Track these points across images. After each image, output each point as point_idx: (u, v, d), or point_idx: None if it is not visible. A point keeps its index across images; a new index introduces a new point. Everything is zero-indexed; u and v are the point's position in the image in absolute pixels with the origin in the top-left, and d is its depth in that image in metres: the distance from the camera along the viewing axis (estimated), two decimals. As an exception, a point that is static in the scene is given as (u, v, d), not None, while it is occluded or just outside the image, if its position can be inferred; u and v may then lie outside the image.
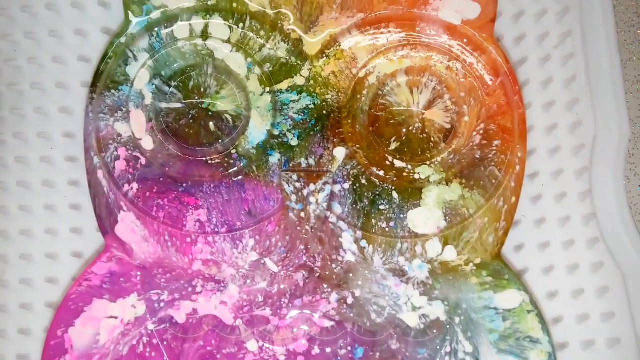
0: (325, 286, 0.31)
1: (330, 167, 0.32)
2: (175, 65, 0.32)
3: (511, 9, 0.34)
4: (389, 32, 0.32)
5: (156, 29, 0.31)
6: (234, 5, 0.31)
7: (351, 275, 0.31)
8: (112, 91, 0.31)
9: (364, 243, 0.31)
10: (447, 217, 0.31)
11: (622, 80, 0.33)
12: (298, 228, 0.31)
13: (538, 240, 0.34)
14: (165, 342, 0.31)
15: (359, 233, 0.31)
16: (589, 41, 0.34)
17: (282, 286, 0.31)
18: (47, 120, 0.33)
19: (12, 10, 0.33)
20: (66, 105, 0.33)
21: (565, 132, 0.34)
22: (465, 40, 0.32)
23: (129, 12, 0.31)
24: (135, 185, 0.31)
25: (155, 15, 0.31)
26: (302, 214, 0.31)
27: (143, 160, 0.31)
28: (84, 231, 0.33)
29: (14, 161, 0.33)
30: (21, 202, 0.33)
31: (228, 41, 0.31)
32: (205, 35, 0.31)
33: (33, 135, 0.33)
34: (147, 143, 0.31)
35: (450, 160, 0.32)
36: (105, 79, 0.31)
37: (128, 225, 0.31)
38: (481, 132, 0.32)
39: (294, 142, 0.32)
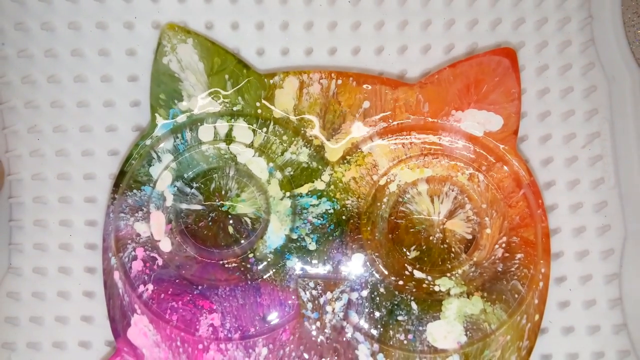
0: (339, 404, 0.30)
1: (347, 273, 0.31)
2: (197, 168, 0.32)
3: (537, 108, 0.34)
4: (411, 141, 0.32)
5: (181, 131, 0.32)
6: (259, 111, 0.32)
7: (367, 393, 0.30)
8: (135, 191, 0.32)
9: (380, 357, 0.30)
10: (468, 332, 0.30)
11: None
12: (313, 338, 0.30)
13: (566, 350, 0.33)
14: None
15: (376, 346, 0.30)
16: (619, 143, 0.34)
17: (294, 402, 0.30)
18: (70, 208, 0.34)
19: (40, 103, 0.34)
20: (91, 195, 0.34)
21: (593, 236, 0.34)
22: (487, 152, 0.32)
23: (156, 114, 0.32)
24: (150, 287, 0.31)
25: (181, 118, 0.32)
26: (318, 323, 0.30)
27: (160, 261, 0.31)
28: (95, 320, 0.33)
29: (31, 247, 0.34)
30: (34, 289, 0.33)
31: (251, 145, 0.32)
32: (229, 138, 0.32)
33: (54, 223, 0.34)
34: (165, 245, 0.31)
35: (471, 274, 0.31)
36: (129, 179, 0.32)
37: (141, 329, 0.30)
38: (503, 245, 0.31)
39: (312, 246, 0.31)
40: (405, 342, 0.30)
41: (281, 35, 0.35)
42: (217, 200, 0.32)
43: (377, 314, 0.31)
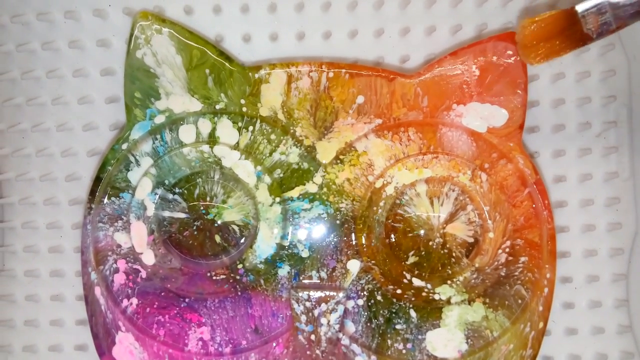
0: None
1: (343, 281, 0.29)
2: (179, 173, 0.29)
3: (551, 95, 0.32)
4: (409, 138, 0.29)
5: (160, 132, 0.29)
6: (244, 109, 0.30)
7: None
8: (113, 198, 0.29)
9: (378, 370, 0.29)
10: (469, 340, 0.29)
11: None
12: (308, 352, 0.29)
13: (568, 351, 0.32)
14: None
15: (373, 357, 0.29)
16: (637, 131, 0.31)
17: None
18: (58, 210, 0.32)
19: (18, 100, 0.32)
20: (76, 196, 0.32)
21: (603, 234, 0.32)
22: (491, 149, 0.29)
23: (131, 115, 0.29)
24: (134, 301, 0.29)
25: (159, 118, 0.29)
26: (313, 337, 0.29)
27: (144, 274, 0.29)
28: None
29: (22, 250, 0.32)
30: (27, 292, 0.32)
31: (236, 147, 0.29)
32: (212, 138, 0.30)
33: (43, 225, 0.32)
34: (148, 258, 0.29)
35: (473, 280, 0.29)
36: (106, 186, 0.29)
37: (126, 347, 0.29)
38: (507, 249, 0.29)
39: (305, 253, 0.30)
40: (404, 351, 0.29)
41: (269, 18, 0.32)
42: (201, 208, 0.30)
43: (374, 322, 0.29)
